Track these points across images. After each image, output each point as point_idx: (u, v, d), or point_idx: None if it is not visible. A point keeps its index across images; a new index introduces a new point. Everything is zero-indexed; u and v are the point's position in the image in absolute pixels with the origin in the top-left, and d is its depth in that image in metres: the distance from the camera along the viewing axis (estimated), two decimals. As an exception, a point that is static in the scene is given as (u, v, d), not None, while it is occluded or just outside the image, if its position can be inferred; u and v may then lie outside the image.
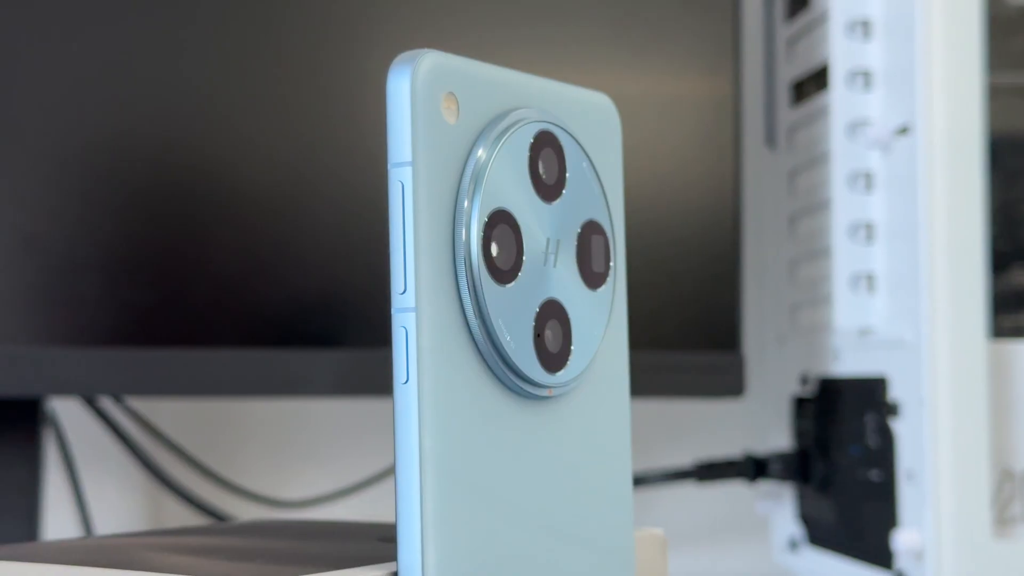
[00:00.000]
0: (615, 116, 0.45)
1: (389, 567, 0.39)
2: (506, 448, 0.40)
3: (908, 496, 0.69)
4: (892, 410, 0.70)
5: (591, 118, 0.44)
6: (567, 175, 0.42)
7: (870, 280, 0.73)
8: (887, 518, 0.71)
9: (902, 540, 0.68)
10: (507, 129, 0.41)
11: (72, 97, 0.66)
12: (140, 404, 0.86)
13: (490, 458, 0.40)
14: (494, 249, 0.40)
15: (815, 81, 0.80)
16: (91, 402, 0.80)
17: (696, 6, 0.77)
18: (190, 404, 0.89)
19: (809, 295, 0.81)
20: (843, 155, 0.74)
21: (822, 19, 0.78)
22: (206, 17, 0.69)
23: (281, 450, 0.92)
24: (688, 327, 0.76)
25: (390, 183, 0.38)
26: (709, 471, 0.82)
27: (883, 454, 0.72)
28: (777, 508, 0.85)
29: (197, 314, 0.68)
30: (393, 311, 0.38)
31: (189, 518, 0.87)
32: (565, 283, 0.42)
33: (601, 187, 0.44)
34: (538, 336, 0.41)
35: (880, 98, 0.74)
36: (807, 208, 0.81)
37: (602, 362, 0.44)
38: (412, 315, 0.38)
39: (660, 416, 0.97)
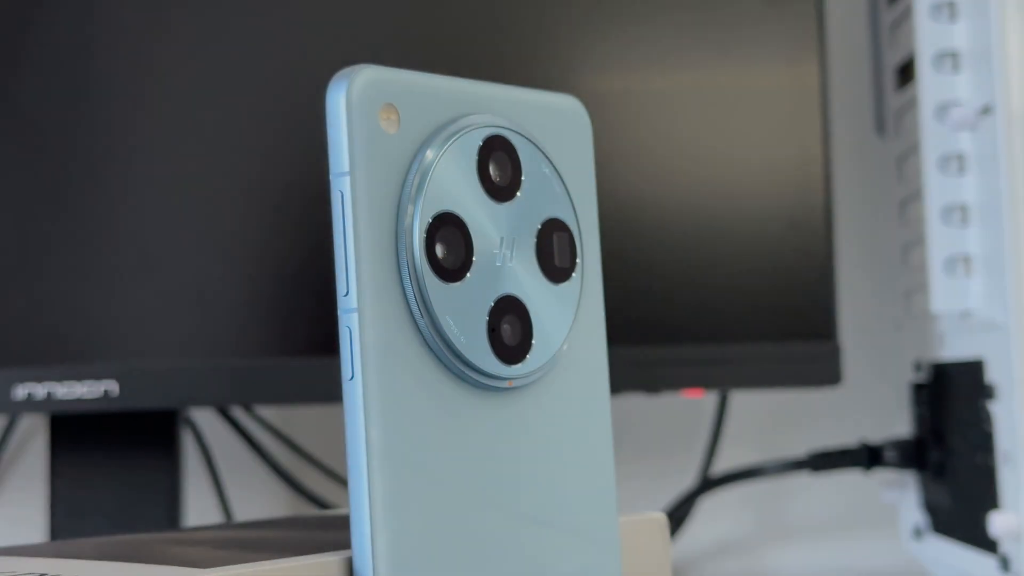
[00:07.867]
0: (584, 117, 0.47)
1: (347, 553, 0.41)
2: (463, 438, 0.42)
3: (1006, 479, 0.68)
4: (989, 393, 0.70)
5: (555, 121, 0.46)
6: (522, 177, 0.44)
7: (967, 262, 0.72)
8: (996, 503, 0.70)
9: (998, 523, 0.68)
10: (452, 135, 0.43)
11: (214, 122, 0.71)
12: (272, 413, 0.90)
13: (443, 447, 0.42)
14: (439, 250, 0.42)
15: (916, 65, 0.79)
16: (224, 412, 0.85)
17: (779, -2, 0.78)
18: (320, 410, 0.92)
19: (920, 280, 0.80)
20: (934, 138, 0.74)
21: (917, 2, 0.77)
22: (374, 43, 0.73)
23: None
24: (784, 317, 0.76)
25: (331, 193, 0.41)
26: (824, 461, 0.82)
27: (993, 438, 0.71)
28: (903, 497, 0.84)
29: (319, 323, 0.72)
30: (339, 312, 0.41)
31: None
32: (522, 279, 0.44)
33: (564, 187, 0.45)
34: (493, 330, 0.43)
35: (967, 79, 0.73)
36: (915, 193, 0.80)
37: (573, 353, 0.45)
38: (355, 315, 0.40)
39: (775, 407, 0.97)
